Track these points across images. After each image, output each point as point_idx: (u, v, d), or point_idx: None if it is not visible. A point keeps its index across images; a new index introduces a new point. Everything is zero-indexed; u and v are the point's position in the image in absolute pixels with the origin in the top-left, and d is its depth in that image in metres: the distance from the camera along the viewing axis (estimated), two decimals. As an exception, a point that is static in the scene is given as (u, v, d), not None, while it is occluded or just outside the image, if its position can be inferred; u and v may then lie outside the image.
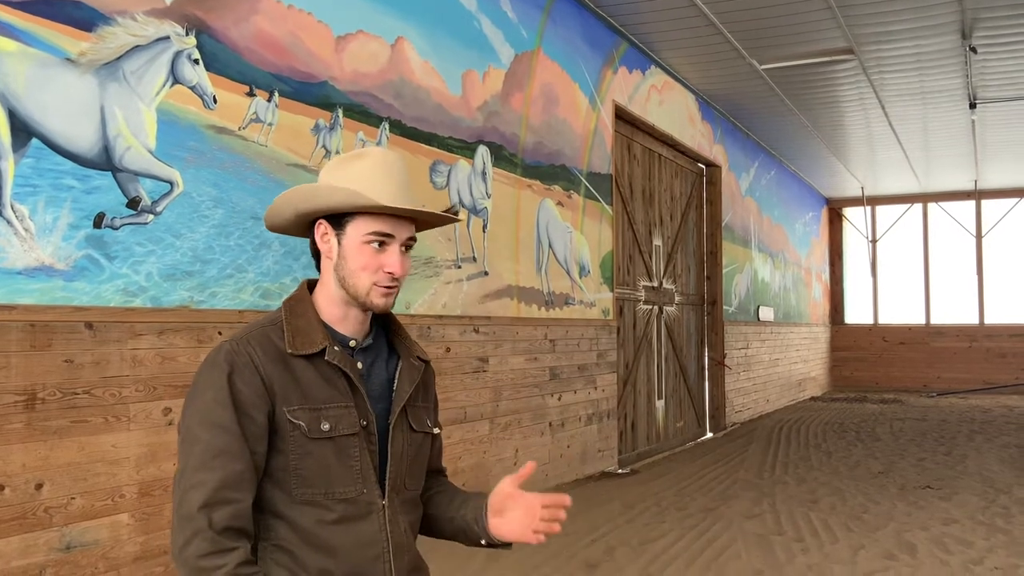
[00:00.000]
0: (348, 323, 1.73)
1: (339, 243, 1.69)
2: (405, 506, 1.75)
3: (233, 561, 1.50)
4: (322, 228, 1.71)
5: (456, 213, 5.29)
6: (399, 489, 1.73)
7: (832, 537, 4.96)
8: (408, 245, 1.73)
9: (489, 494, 1.81)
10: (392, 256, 1.69)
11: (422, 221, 1.77)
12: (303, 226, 1.76)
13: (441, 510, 1.88)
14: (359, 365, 1.72)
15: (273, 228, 1.82)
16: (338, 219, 1.69)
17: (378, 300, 1.69)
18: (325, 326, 1.71)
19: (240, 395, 1.59)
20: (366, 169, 1.69)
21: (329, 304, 1.73)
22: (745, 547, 4.74)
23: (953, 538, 4.94)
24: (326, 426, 1.64)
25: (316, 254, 1.76)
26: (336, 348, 1.68)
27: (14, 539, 2.86)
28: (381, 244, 1.68)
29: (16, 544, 2.87)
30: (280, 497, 1.63)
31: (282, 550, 1.62)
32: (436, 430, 1.87)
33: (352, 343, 1.73)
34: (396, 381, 1.77)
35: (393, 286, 1.70)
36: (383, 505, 1.69)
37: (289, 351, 1.64)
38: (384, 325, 1.83)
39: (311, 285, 1.78)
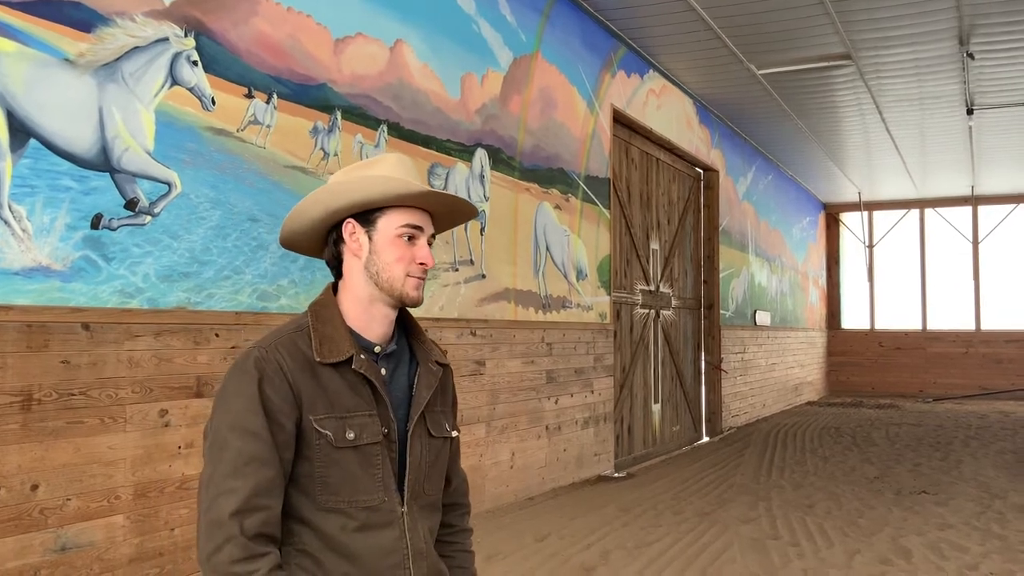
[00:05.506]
0: (374, 327, 1.75)
1: (370, 239, 1.73)
2: (424, 511, 1.77)
3: (265, 567, 1.52)
4: (350, 227, 1.74)
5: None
6: (418, 495, 1.75)
7: (828, 542, 4.96)
8: (430, 241, 1.79)
9: None
10: (423, 249, 1.75)
11: (438, 219, 1.82)
12: (321, 235, 1.78)
13: None
14: (383, 372, 1.74)
15: (289, 241, 1.82)
16: (366, 216, 1.73)
17: (413, 292, 1.73)
18: (351, 332, 1.72)
19: (270, 403, 1.61)
20: (389, 168, 1.74)
21: (355, 308, 1.74)
22: (741, 551, 4.74)
23: (949, 543, 4.94)
24: (351, 435, 1.66)
25: (334, 262, 1.78)
26: (362, 356, 1.70)
27: (9, 540, 2.86)
28: (411, 238, 1.73)
29: (11, 545, 2.86)
30: (305, 503, 1.65)
31: (306, 555, 1.64)
32: (454, 433, 1.88)
33: (377, 349, 1.75)
34: (415, 388, 1.78)
35: (424, 277, 1.76)
36: (403, 512, 1.71)
37: (317, 359, 1.66)
38: (405, 330, 1.84)
39: (335, 288, 1.79)
